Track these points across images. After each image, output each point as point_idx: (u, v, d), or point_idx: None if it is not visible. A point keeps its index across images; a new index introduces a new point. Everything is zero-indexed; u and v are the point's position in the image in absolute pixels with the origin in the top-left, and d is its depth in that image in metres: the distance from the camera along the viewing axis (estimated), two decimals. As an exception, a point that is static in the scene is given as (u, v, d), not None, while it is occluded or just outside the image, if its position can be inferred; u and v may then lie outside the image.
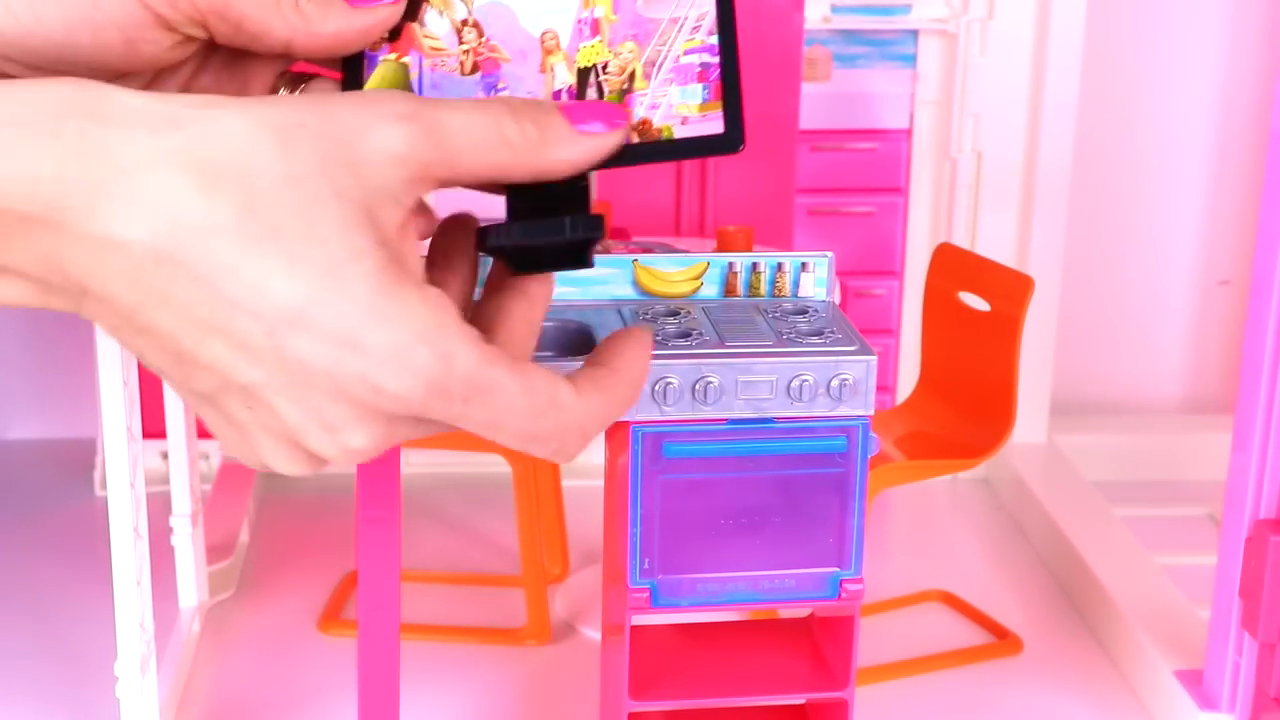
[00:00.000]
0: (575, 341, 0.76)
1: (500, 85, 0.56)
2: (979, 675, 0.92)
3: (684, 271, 0.74)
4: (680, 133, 0.57)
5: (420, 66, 0.55)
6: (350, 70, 0.54)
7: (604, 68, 0.57)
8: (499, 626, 0.96)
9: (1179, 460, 1.22)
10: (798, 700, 0.76)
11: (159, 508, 0.92)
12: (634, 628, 0.69)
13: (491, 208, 0.55)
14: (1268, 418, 0.77)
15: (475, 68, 0.56)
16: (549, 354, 0.71)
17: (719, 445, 0.67)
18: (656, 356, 0.67)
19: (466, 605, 0.99)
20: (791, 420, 0.67)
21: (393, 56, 0.54)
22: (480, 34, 0.56)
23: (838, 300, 0.77)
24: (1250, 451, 0.78)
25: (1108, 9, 1.22)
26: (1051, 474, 1.15)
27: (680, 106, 0.57)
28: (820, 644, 0.73)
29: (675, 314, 0.72)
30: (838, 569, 0.69)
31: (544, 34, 0.57)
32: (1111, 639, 0.94)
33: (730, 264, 0.76)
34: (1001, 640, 0.96)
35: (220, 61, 0.53)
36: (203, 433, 1.08)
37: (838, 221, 1.21)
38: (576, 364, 0.52)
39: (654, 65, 0.57)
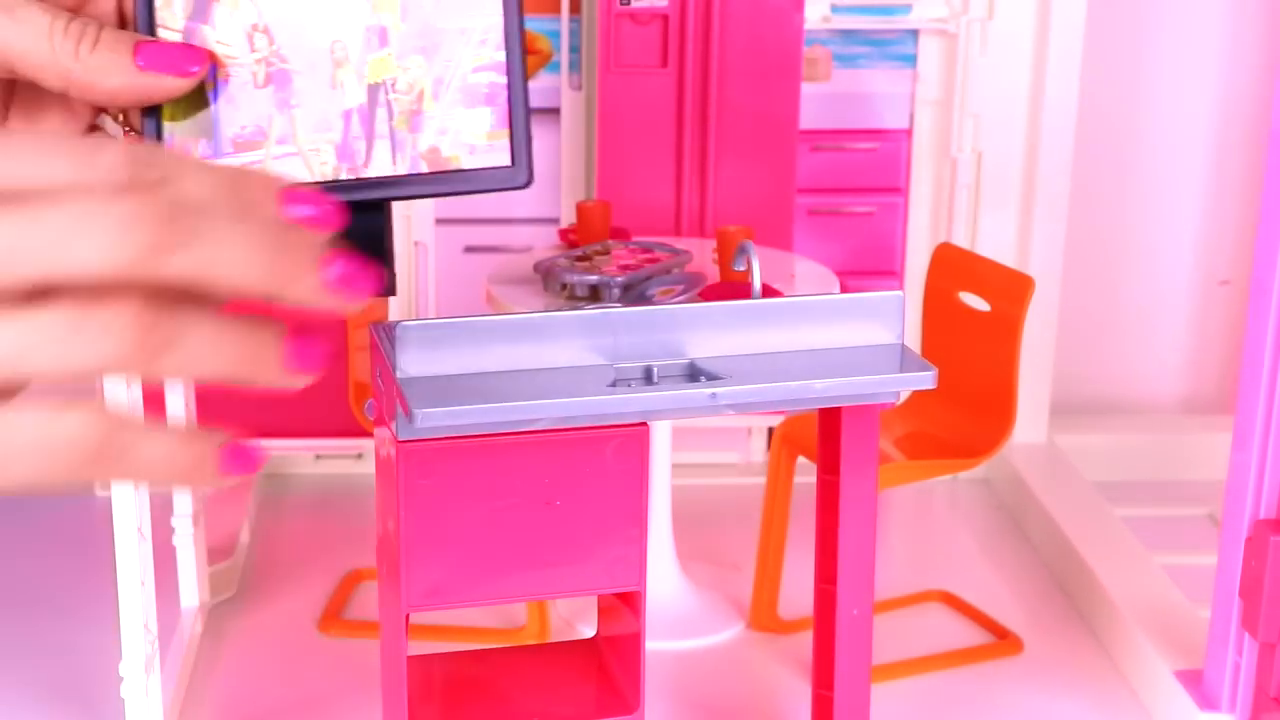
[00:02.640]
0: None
1: (293, 102, 0.53)
2: (979, 675, 0.92)
3: None
4: (468, 163, 0.53)
5: (214, 77, 0.51)
6: None
7: (393, 84, 0.53)
8: (499, 627, 0.96)
9: (1179, 460, 1.22)
10: None
11: (160, 508, 0.92)
12: (413, 658, 0.66)
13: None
14: (1268, 418, 0.77)
15: (268, 80, 0.52)
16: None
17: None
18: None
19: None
20: None
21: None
22: (271, 41, 0.52)
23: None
24: (1250, 451, 0.78)
25: (1108, 9, 1.22)
26: (1051, 474, 1.15)
27: (468, 133, 0.53)
28: (608, 665, 0.70)
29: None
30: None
31: (333, 44, 0.53)
32: (1111, 639, 0.94)
33: None
34: (1001, 640, 0.96)
35: (26, 95, 0.51)
36: (203, 433, 1.07)
37: (838, 221, 1.21)
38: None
39: (442, 83, 0.53)
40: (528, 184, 0.53)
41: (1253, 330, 0.77)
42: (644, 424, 0.63)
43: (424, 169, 0.54)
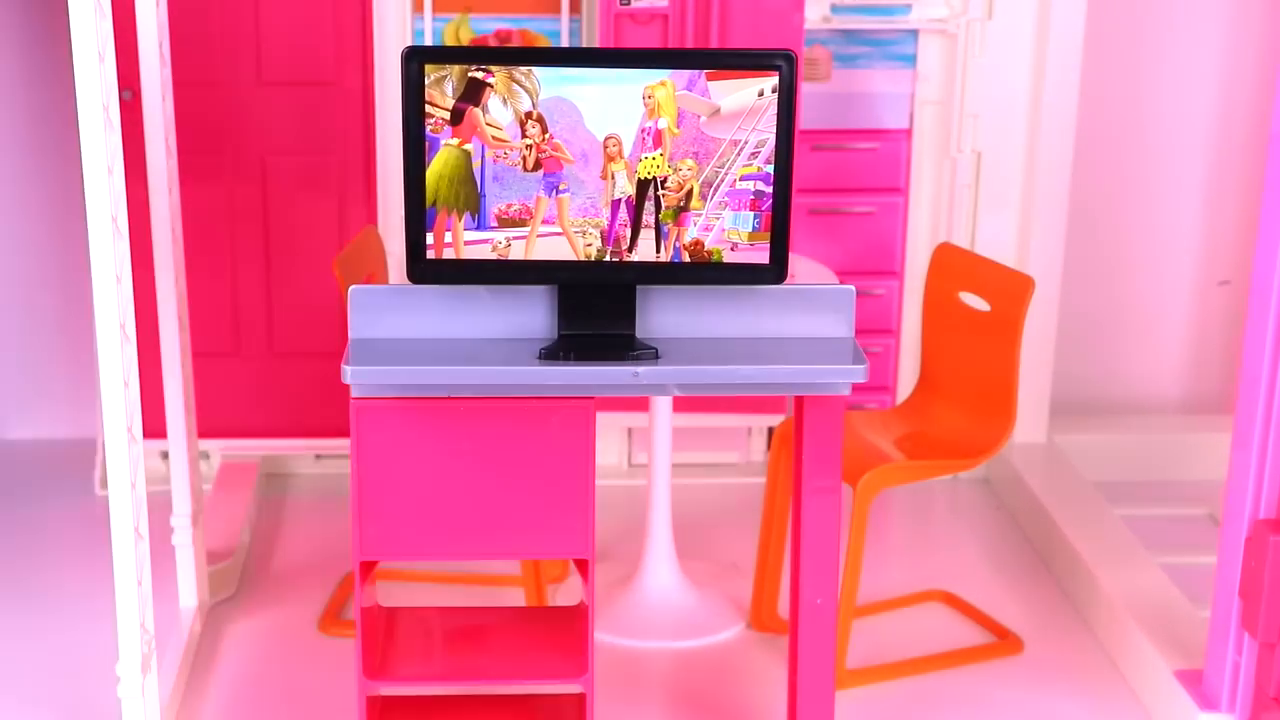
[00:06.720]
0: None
1: (562, 187, 0.57)
2: (979, 675, 0.92)
3: None
4: (729, 258, 0.59)
5: (483, 155, 0.55)
6: (412, 154, 0.55)
7: (663, 182, 0.58)
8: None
9: (1179, 460, 1.22)
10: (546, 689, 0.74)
11: (159, 508, 0.93)
12: (383, 608, 0.70)
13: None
14: (1267, 418, 0.77)
15: (537, 164, 0.57)
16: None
17: None
18: None
19: (469, 604, 0.99)
20: None
21: (454, 141, 0.55)
22: (544, 129, 0.56)
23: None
24: (1250, 451, 0.78)
25: (1108, 9, 1.22)
26: (1051, 474, 1.15)
27: (731, 232, 0.59)
28: (566, 633, 0.72)
29: None
30: None
31: (608, 139, 0.57)
32: (1111, 639, 0.94)
33: None
34: (1001, 640, 0.96)
35: None
36: (203, 432, 1.08)
37: (838, 221, 1.21)
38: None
39: (710, 186, 0.59)
40: (781, 281, 0.61)
41: (1252, 330, 0.77)
42: (589, 399, 0.66)
43: (685, 259, 0.61)
